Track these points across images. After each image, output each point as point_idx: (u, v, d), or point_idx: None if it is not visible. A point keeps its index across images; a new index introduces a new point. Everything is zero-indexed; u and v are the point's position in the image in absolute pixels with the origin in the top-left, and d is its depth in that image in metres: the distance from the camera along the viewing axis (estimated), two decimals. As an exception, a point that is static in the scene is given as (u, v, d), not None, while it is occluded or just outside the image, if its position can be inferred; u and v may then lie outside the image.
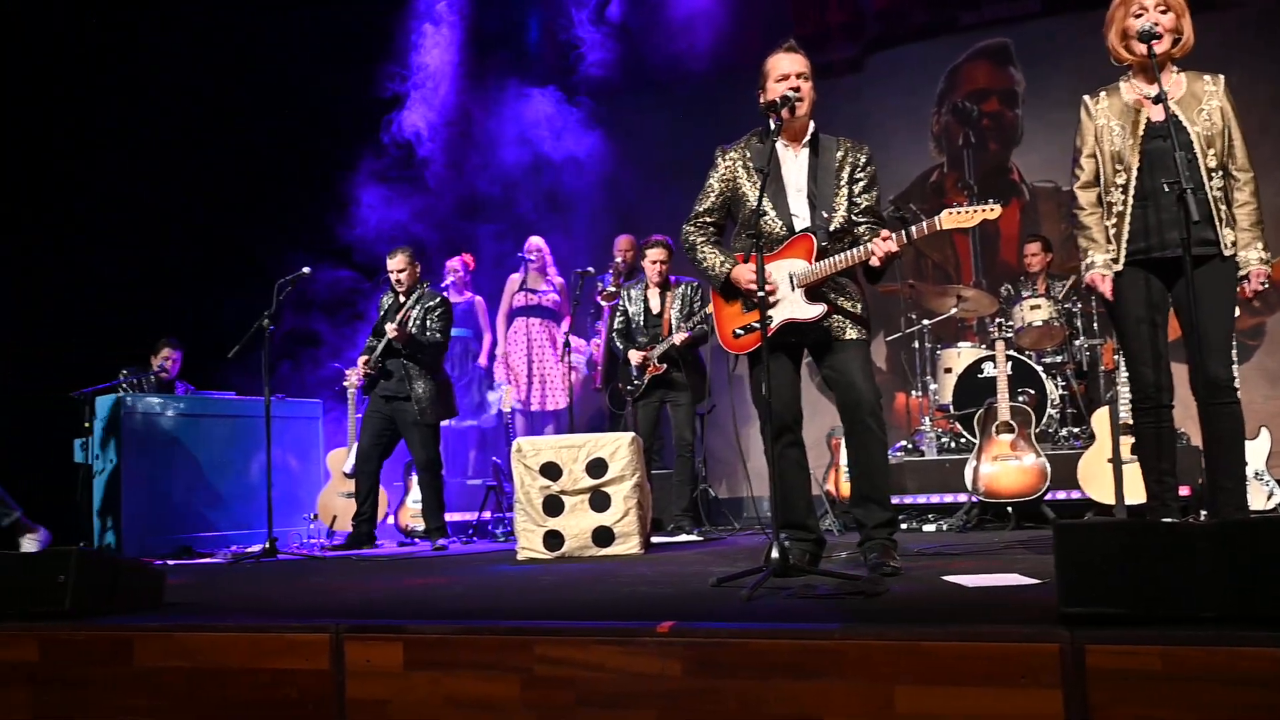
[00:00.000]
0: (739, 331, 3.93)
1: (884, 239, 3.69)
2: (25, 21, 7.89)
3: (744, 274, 3.84)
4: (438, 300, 6.68)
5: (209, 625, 2.96)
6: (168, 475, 7.12)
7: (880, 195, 4.07)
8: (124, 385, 7.25)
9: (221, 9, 8.61)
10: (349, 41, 9.01)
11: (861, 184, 3.94)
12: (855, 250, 3.75)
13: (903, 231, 3.72)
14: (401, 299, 6.69)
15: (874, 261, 3.72)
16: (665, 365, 6.74)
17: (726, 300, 3.99)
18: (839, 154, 3.94)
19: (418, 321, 6.57)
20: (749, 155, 3.97)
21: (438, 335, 6.59)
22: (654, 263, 6.89)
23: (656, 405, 6.86)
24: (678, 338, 6.69)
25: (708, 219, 4.07)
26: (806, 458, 4.02)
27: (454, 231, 9.43)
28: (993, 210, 3.71)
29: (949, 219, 3.71)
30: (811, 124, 3.96)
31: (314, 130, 9.03)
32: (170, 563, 6.09)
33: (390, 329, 6.44)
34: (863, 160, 3.95)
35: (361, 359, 6.64)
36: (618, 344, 7.02)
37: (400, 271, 6.69)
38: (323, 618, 2.89)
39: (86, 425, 6.91)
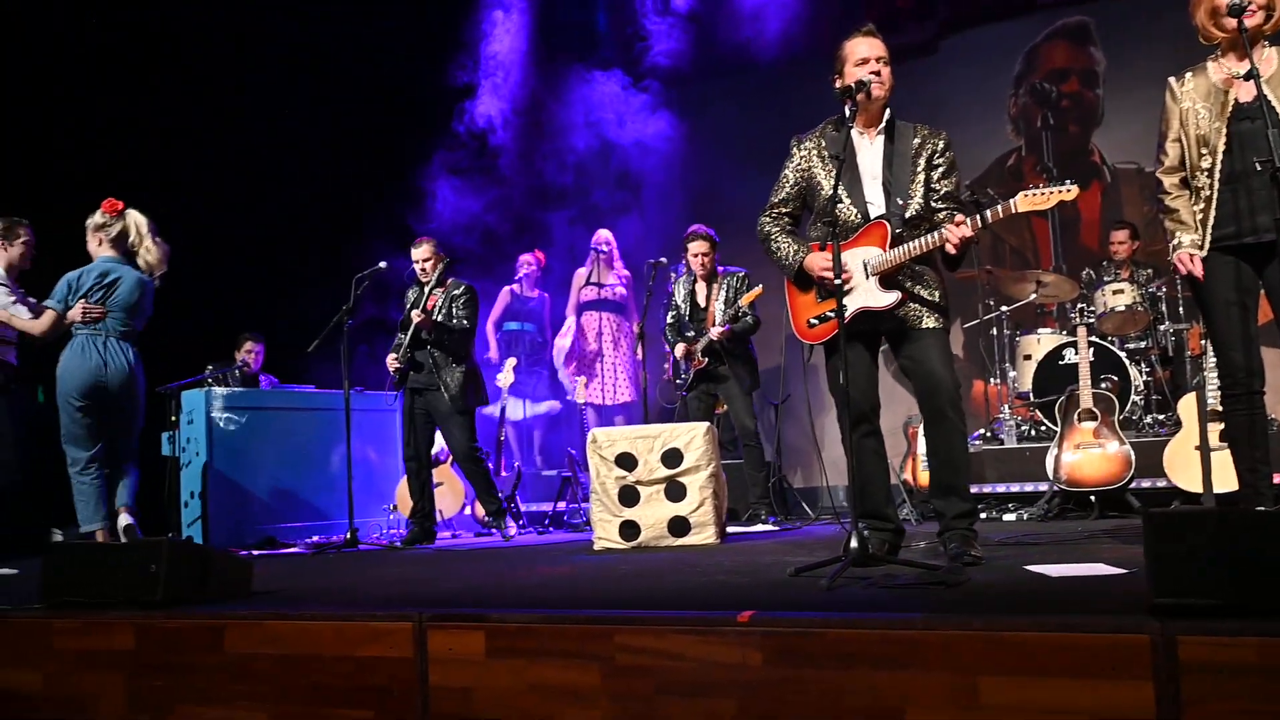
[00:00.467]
0: (813, 321, 3.90)
1: (957, 224, 3.63)
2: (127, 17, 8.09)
3: (817, 262, 3.80)
4: (463, 288, 6.65)
5: (296, 614, 3.02)
6: (251, 467, 7.27)
7: (959, 182, 4.00)
8: (209, 380, 7.42)
9: (294, 4, 8.76)
10: (421, 32, 9.11)
11: (940, 170, 3.88)
12: (929, 236, 3.70)
13: (977, 216, 3.66)
14: (426, 290, 6.69)
15: (948, 247, 3.67)
16: (708, 359, 6.69)
17: (800, 290, 3.96)
18: (915, 141, 3.89)
19: (443, 309, 6.57)
20: (824, 144, 3.94)
21: (465, 321, 6.56)
22: (695, 255, 6.83)
23: (709, 393, 6.82)
24: (714, 332, 6.63)
25: (783, 209, 4.04)
26: (884, 447, 3.98)
27: (527, 220, 9.50)
28: (1069, 191, 3.63)
29: (1024, 201, 3.64)
30: (888, 111, 3.91)
31: (389, 123, 9.14)
32: (255, 553, 6.22)
33: (415, 315, 6.44)
34: (940, 146, 3.89)
35: (391, 355, 6.61)
36: (669, 337, 6.99)
37: (425, 261, 6.67)
38: (406, 606, 2.93)
39: (173, 420, 7.07)
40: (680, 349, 6.77)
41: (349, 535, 6.36)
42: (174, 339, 7.64)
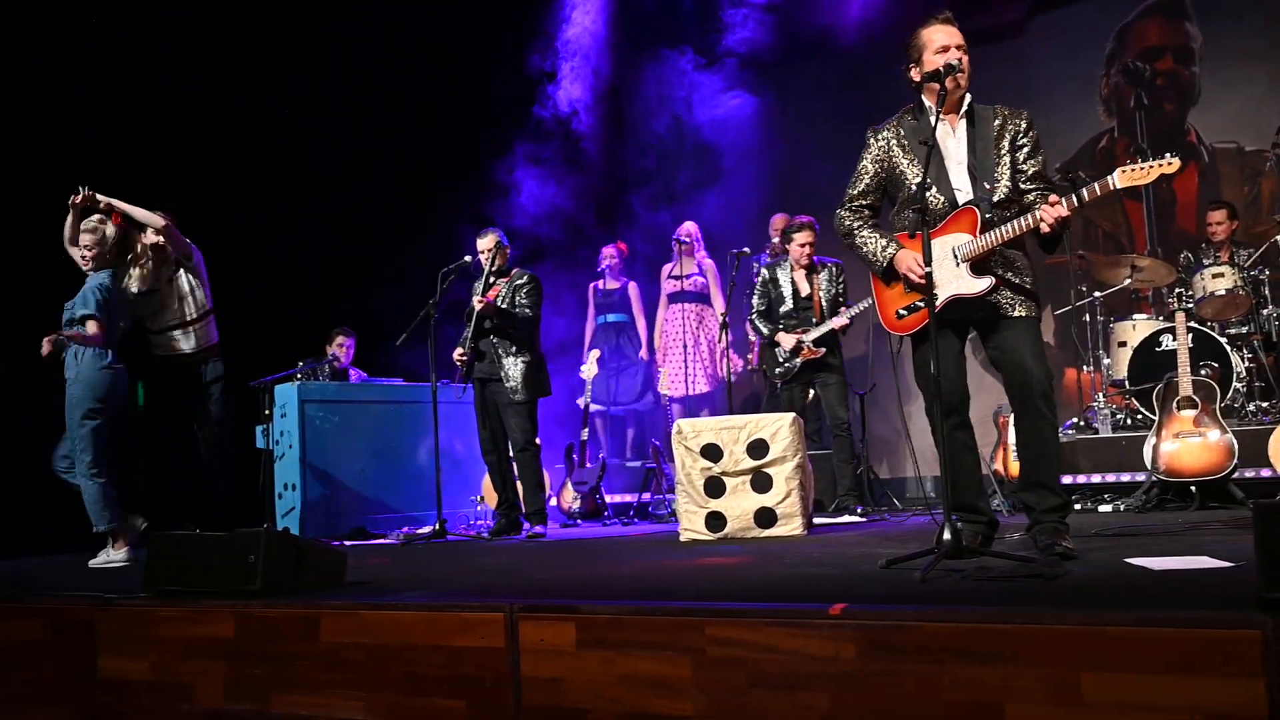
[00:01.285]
0: (902, 312, 3.83)
1: (1052, 204, 3.54)
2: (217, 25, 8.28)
3: (905, 260, 3.73)
4: (526, 277, 6.62)
5: (389, 604, 3.06)
6: (342, 459, 7.40)
7: (1046, 160, 3.90)
8: (300, 375, 7.56)
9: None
10: (500, 21, 9.13)
11: (1025, 150, 3.79)
12: (1024, 219, 3.61)
13: (1072, 195, 3.56)
14: (490, 280, 6.66)
15: (1044, 229, 3.57)
16: (823, 350, 6.63)
17: (887, 282, 3.89)
18: (996, 123, 3.80)
19: (506, 299, 6.54)
20: (903, 133, 3.88)
21: (528, 310, 6.52)
22: (802, 245, 6.74)
23: (806, 384, 6.76)
24: (837, 322, 6.55)
25: (862, 201, 3.97)
26: (975, 438, 3.91)
27: (611, 205, 9.51)
28: (1170, 164, 3.51)
29: (1123, 177, 3.53)
30: (968, 95, 3.84)
31: (472, 113, 9.20)
32: (346, 543, 6.33)
33: (476, 301, 6.43)
34: (1023, 126, 3.80)
35: (457, 350, 6.59)
36: (760, 326, 6.92)
37: (489, 251, 6.64)
38: (497, 597, 2.95)
39: (267, 413, 7.23)
40: (788, 340, 6.68)
41: (437, 526, 6.44)
42: (265, 334, 7.81)
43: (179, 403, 6.63)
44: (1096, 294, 7.10)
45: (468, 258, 6.75)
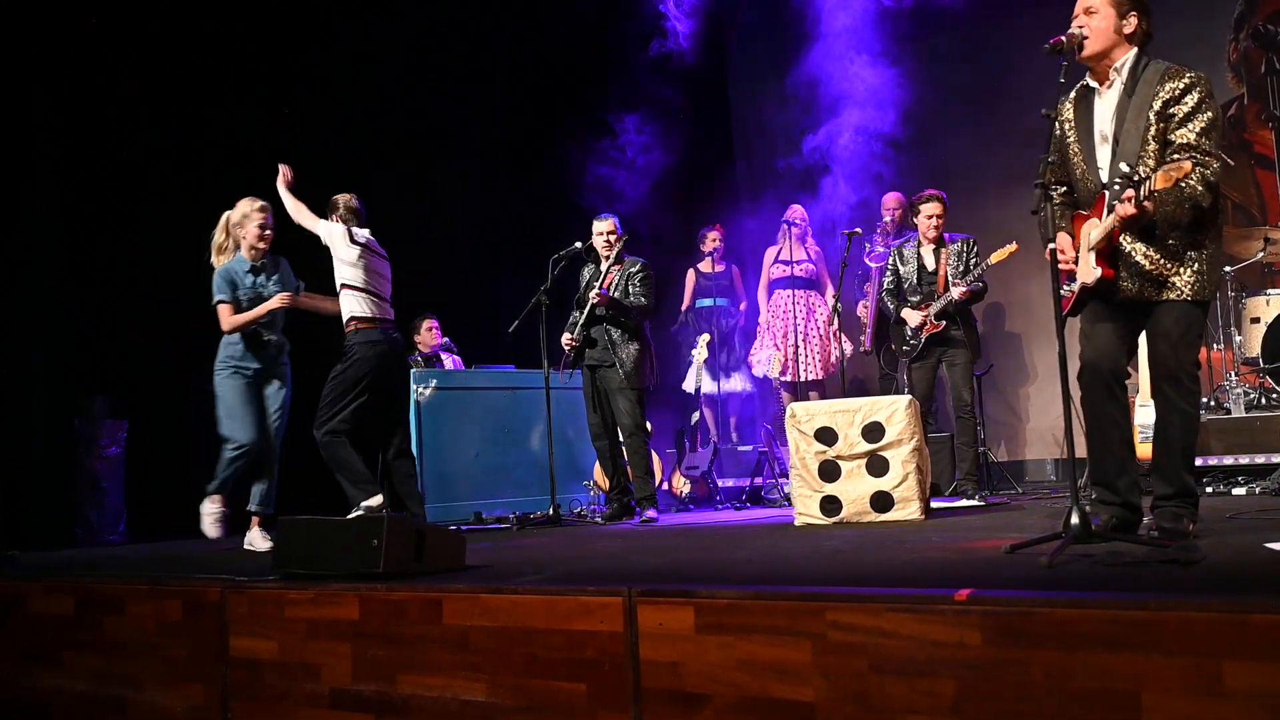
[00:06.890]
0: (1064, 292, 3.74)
1: (1125, 199, 3.36)
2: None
3: (1060, 242, 3.62)
4: (639, 265, 6.60)
5: (509, 587, 3.10)
6: (457, 446, 7.53)
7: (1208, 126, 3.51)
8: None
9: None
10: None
11: (1176, 118, 3.49)
12: (1115, 211, 3.43)
13: (1140, 187, 3.34)
14: (604, 267, 6.65)
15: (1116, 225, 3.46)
16: (943, 323, 6.52)
17: None
18: (1157, 86, 3.53)
19: (619, 286, 6.54)
20: (1071, 101, 3.77)
21: (642, 299, 6.51)
22: (929, 217, 6.65)
23: (934, 365, 6.64)
24: (956, 292, 6.44)
25: (1050, 178, 3.78)
26: (1128, 416, 3.74)
27: (718, 181, 9.41)
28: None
29: (1162, 178, 3.27)
30: (1129, 55, 3.63)
31: (584, 87, 9.20)
32: (463, 528, 6.43)
33: (593, 295, 6.44)
34: (1178, 90, 3.49)
35: (565, 335, 6.62)
36: (889, 304, 6.83)
37: (610, 234, 6.63)
38: (615, 582, 2.97)
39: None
40: (913, 316, 6.60)
41: (551, 511, 6.50)
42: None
43: None
44: (1227, 269, 6.82)
45: (578, 244, 6.77)
